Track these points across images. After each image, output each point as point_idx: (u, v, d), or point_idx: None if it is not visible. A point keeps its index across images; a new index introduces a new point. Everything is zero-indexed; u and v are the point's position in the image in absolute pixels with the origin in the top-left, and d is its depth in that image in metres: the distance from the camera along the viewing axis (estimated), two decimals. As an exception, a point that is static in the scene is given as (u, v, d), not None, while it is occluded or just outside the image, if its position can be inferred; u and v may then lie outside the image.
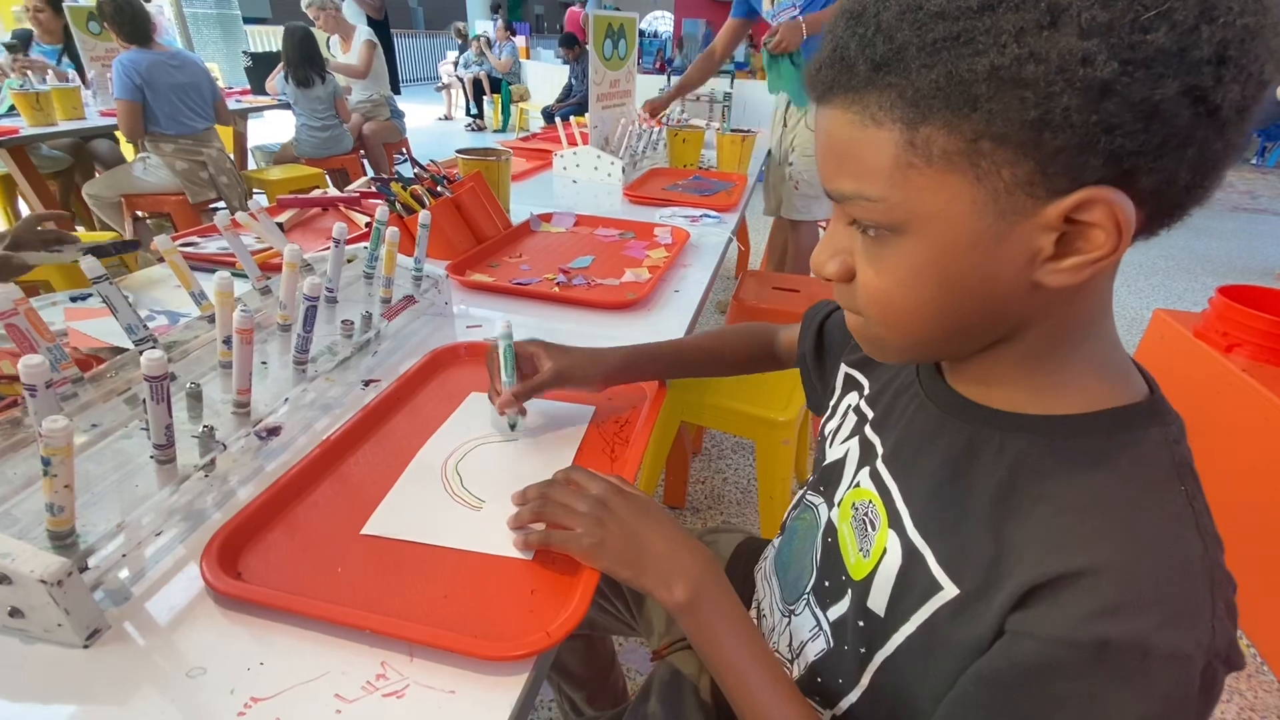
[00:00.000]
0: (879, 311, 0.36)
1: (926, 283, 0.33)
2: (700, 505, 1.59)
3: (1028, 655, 0.30)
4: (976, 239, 0.31)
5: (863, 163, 0.32)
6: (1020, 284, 0.32)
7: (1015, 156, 0.28)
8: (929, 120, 0.29)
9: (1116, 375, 0.36)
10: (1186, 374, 1.56)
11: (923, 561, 0.37)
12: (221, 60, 5.75)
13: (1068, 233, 0.30)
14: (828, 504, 0.48)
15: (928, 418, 0.41)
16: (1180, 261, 3.59)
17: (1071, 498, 0.32)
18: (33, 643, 0.40)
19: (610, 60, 1.71)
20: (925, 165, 0.30)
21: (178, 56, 2.35)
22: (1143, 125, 0.26)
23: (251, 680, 0.38)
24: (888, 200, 0.31)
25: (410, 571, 0.47)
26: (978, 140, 0.28)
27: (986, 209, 0.30)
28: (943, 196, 0.30)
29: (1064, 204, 0.28)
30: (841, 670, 0.42)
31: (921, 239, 0.32)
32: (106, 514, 0.47)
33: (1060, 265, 0.30)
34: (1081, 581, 0.30)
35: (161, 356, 0.45)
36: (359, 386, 0.70)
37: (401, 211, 1.04)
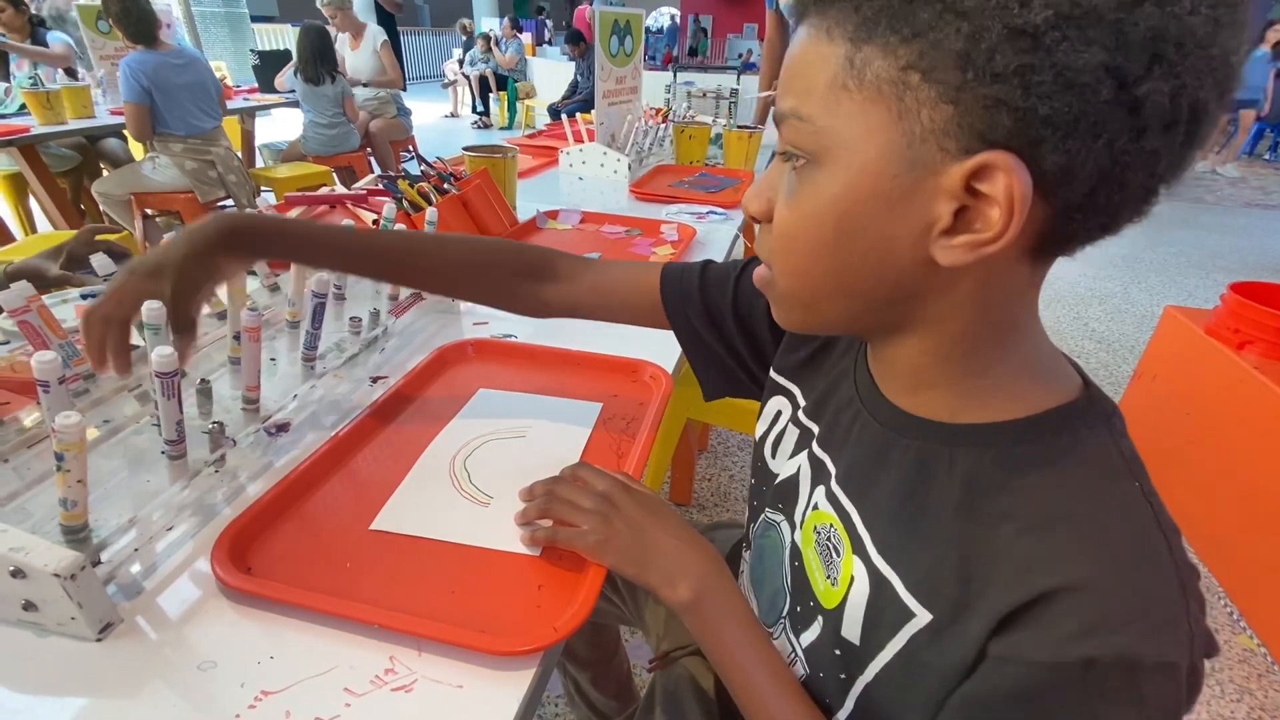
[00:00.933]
0: (783, 252, 0.35)
1: (827, 224, 0.32)
2: (706, 502, 1.59)
3: (1015, 680, 0.30)
4: (881, 186, 0.30)
5: (805, 79, 0.32)
6: (915, 254, 0.31)
7: (937, 98, 0.28)
8: (872, 39, 0.29)
9: (1049, 374, 0.35)
10: (1198, 372, 1.54)
11: (891, 588, 0.36)
12: (229, 59, 5.78)
13: (967, 208, 0.29)
14: (789, 524, 0.46)
15: (874, 436, 0.39)
16: (1191, 258, 3.56)
17: (1030, 513, 0.32)
18: (46, 636, 0.40)
19: (616, 56, 1.71)
20: (856, 89, 0.30)
21: (183, 55, 2.36)
22: (1059, 90, 0.26)
23: (261, 674, 0.39)
24: (815, 122, 0.31)
25: (418, 567, 0.47)
26: (908, 70, 0.28)
27: (899, 155, 0.29)
28: (862, 128, 0.30)
29: (967, 165, 0.28)
30: (827, 694, 0.41)
31: (833, 174, 0.31)
32: (118, 509, 0.47)
33: (953, 241, 0.30)
34: (1059, 602, 0.29)
35: (172, 353, 0.46)
36: (367, 383, 0.70)
37: (409, 209, 1.04)
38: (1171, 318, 1.67)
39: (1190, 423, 1.54)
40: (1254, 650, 1.27)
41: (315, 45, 2.94)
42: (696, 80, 5.71)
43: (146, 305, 0.50)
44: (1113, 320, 2.73)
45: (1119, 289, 3.08)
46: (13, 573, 0.38)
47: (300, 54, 2.94)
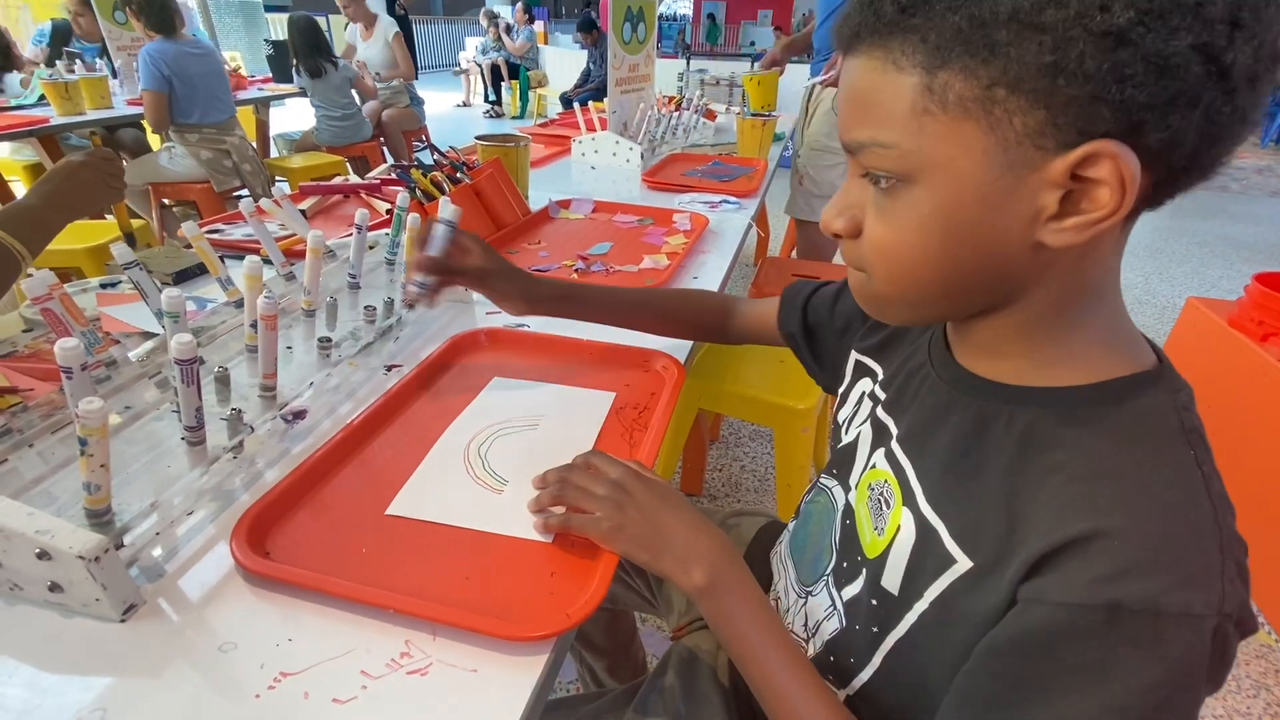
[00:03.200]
0: (883, 264, 0.36)
1: (932, 234, 0.33)
2: (718, 493, 1.59)
3: (1039, 621, 0.30)
4: (984, 191, 0.31)
5: (880, 109, 0.32)
6: (1023, 242, 0.32)
7: (1028, 105, 0.29)
8: (948, 65, 0.29)
9: (1123, 346, 0.36)
10: (1220, 363, 1.52)
11: (936, 536, 0.37)
12: (244, 48, 5.80)
13: (1073, 191, 0.30)
14: (844, 487, 0.48)
15: (938, 396, 0.41)
16: (1215, 248, 3.49)
17: (1080, 466, 0.33)
18: (71, 616, 0.41)
19: (629, 44, 1.69)
20: (940, 111, 0.30)
21: (199, 45, 2.37)
22: (1154, 78, 0.26)
23: (280, 656, 0.40)
24: (901, 147, 0.32)
25: (433, 552, 0.47)
26: (993, 87, 0.29)
27: (996, 160, 0.30)
28: (955, 145, 0.31)
29: (1071, 157, 0.29)
30: (854, 650, 0.42)
31: (930, 189, 0.32)
32: (140, 493, 0.48)
33: (1063, 224, 0.31)
34: (1091, 546, 0.30)
35: (191, 341, 0.46)
36: (382, 371, 0.71)
37: (422, 198, 1.04)
38: (1194, 309, 1.64)
39: (1212, 415, 1.50)
40: (1272, 646, 1.26)
41: (307, 37, 2.91)
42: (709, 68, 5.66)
43: (166, 293, 0.50)
44: (1133, 311, 2.63)
45: (1140, 279, 3.03)
46: (39, 555, 0.39)
47: (294, 49, 2.93)
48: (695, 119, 2.08)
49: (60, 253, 1.67)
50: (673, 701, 0.55)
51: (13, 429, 0.51)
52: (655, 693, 0.56)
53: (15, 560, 0.40)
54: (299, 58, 2.94)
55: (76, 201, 0.77)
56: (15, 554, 0.40)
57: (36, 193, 0.75)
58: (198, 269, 0.94)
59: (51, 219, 0.74)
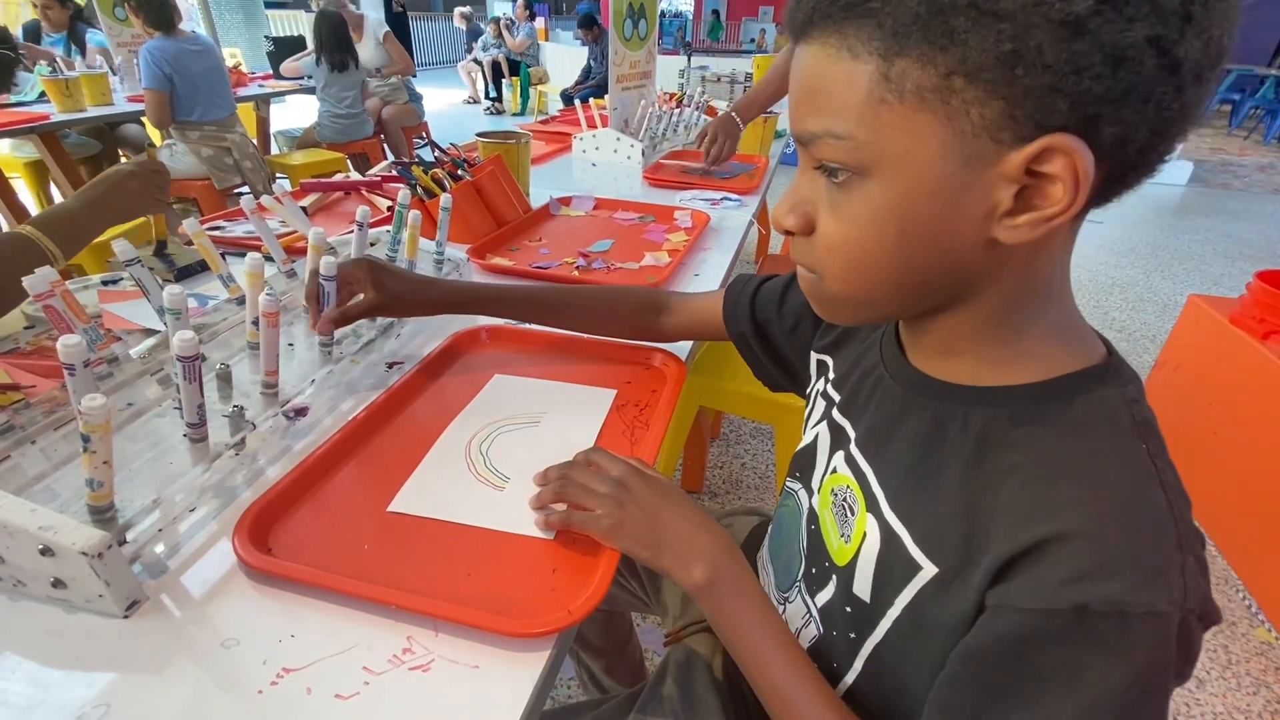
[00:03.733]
0: (837, 262, 0.35)
1: (886, 230, 0.33)
2: (718, 490, 1.59)
3: (1009, 628, 0.31)
4: (940, 185, 0.31)
5: (834, 98, 0.31)
6: (977, 239, 0.32)
7: (985, 95, 0.28)
8: (905, 52, 0.29)
9: (1073, 340, 0.36)
10: (1221, 362, 1.51)
11: (900, 542, 0.37)
12: (244, 45, 5.79)
13: (1027, 187, 0.30)
14: (807, 490, 0.48)
15: (894, 398, 0.41)
16: (1217, 246, 3.48)
17: (1036, 466, 0.33)
18: (75, 612, 0.41)
19: (630, 41, 1.69)
20: (897, 101, 0.30)
21: (198, 41, 2.37)
22: (1110, 70, 0.27)
23: (283, 652, 0.40)
24: (856, 138, 0.31)
25: (435, 549, 0.48)
26: (950, 75, 0.28)
27: (952, 153, 0.30)
28: (911, 136, 0.30)
29: (1027, 151, 0.29)
30: (835, 655, 0.42)
31: (886, 182, 0.32)
32: (142, 490, 0.48)
33: (1017, 221, 0.30)
34: (1052, 549, 0.30)
35: (193, 337, 0.47)
36: (383, 369, 0.71)
37: (423, 195, 1.04)
38: (1195, 306, 1.63)
39: (1212, 413, 1.51)
40: (1272, 644, 1.26)
41: (336, 31, 2.94)
42: (711, 64, 5.65)
43: (168, 290, 0.50)
44: (1134, 309, 2.68)
45: (1141, 277, 3.02)
46: (42, 551, 0.39)
47: (322, 41, 2.94)
48: (696, 116, 2.07)
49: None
50: (672, 709, 0.55)
51: (15, 425, 0.51)
52: (654, 700, 0.56)
53: (18, 556, 0.40)
54: (325, 50, 2.94)
55: (118, 209, 0.79)
56: (18, 550, 0.40)
57: (80, 197, 0.76)
58: (199, 266, 0.94)
59: (91, 224, 0.75)
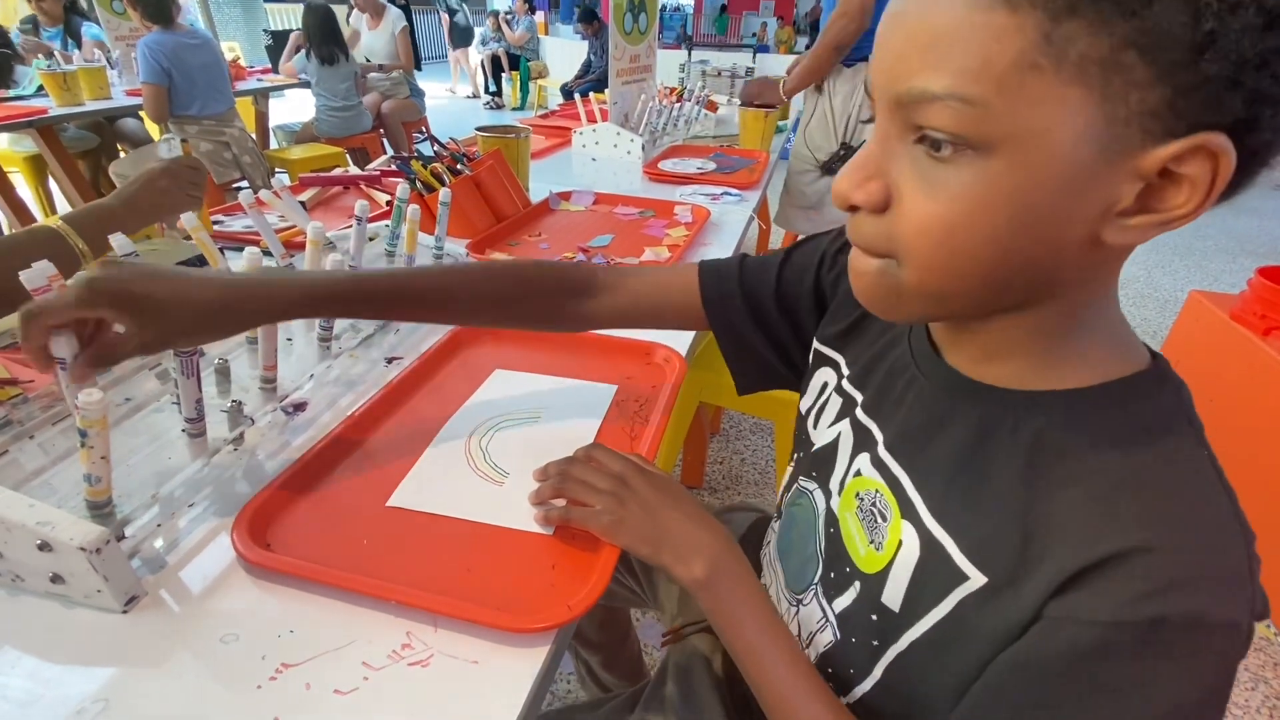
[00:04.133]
0: (927, 247, 0.31)
1: (999, 216, 0.28)
2: (718, 485, 1.59)
3: (1074, 639, 0.29)
4: (1071, 173, 0.27)
5: (971, 54, 0.26)
6: (1084, 237, 0.29)
7: (1154, 79, 0.25)
8: (1079, 13, 0.25)
9: (1122, 344, 0.35)
10: (1222, 358, 1.51)
11: (944, 552, 0.35)
12: (243, 39, 5.78)
13: (1151, 186, 0.27)
14: (824, 492, 0.46)
15: (932, 401, 0.39)
16: (1218, 241, 3.47)
17: (1099, 475, 0.31)
18: (74, 608, 0.41)
19: (630, 34, 1.68)
20: (1053, 69, 0.25)
21: (196, 35, 2.36)
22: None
23: (282, 647, 0.40)
24: (990, 106, 0.27)
25: (434, 544, 0.47)
26: (1124, 50, 0.25)
27: (1094, 139, 0.26)
28: (1057, 113, 0.26)
29: (1173, 148, 0.26)
30: (853, 662, 0.41)
31: (1011, 162, 0.27)
32: (141, 485, 0.48)
33: (1130, 221, 0.28)
34: (1128, 562, 0.29)
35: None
36: (382, 364, 0.71)
37: (422, 190, 1.04)
38: (1196, 302, 1.63)
39: (1213, 409, 1.50)
40: (1270, 639, 1.26)
41: (324, 24, 2.93)
42: (711, 59, 5.63)
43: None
44: (1135, 305, 2.68)
45: (1142, 273, 3.02)
46: (40, 546, 0.39)
47: (309, 35, 2.94)
48: (697, 110, 2.07)
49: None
50: (673, 709, 0.54)
51: (13, 420, 0.51)
52: (655, 702, 0.56)
53: (17, 552, 0.40)
54: (313, 44, 2.93)
55: (152, 207, 0.79)
56: (16, 545, 0.40)
57: (118, 195, 0.77)
58: (198, 260, 0.94)
59: (126, 221, 0.75)
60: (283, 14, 7.68)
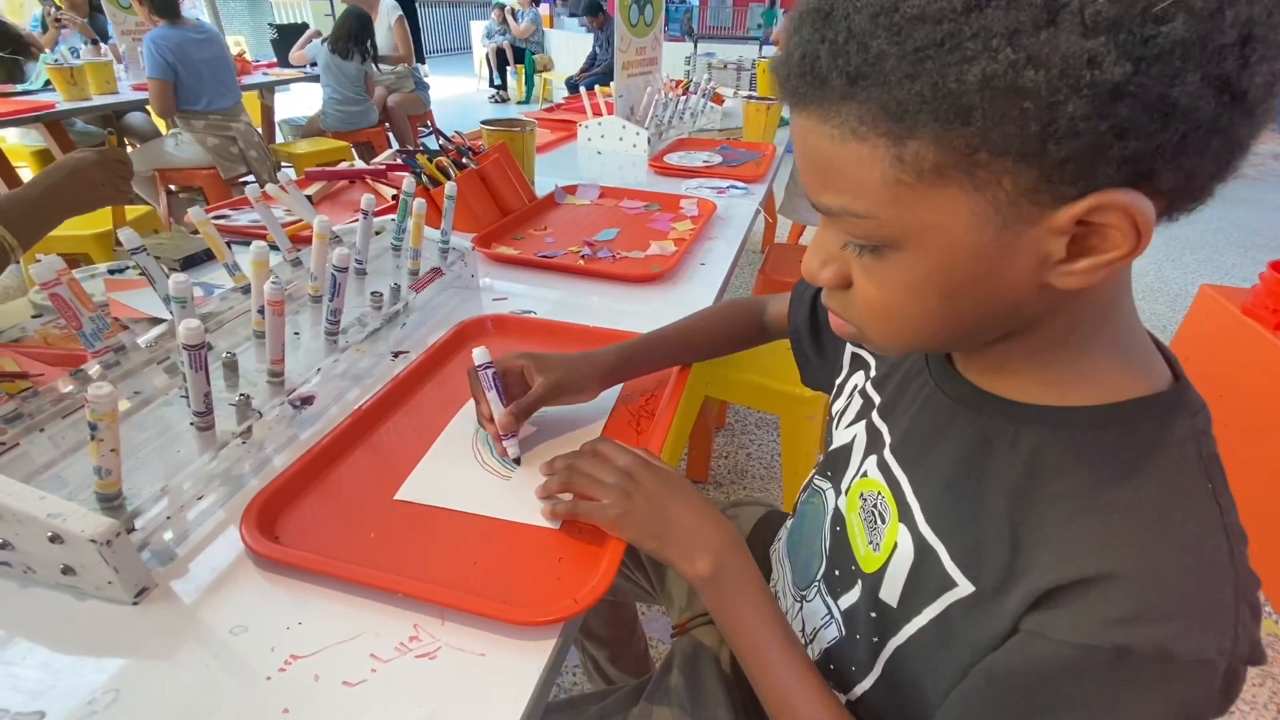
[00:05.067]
0: (879, 323, 0.34)
1: (930, 295, 0.31)
2: (723, 480, 1.59)
3: (1043, 656, 0.30)
4: (979, 250, 0.28)
5: (847, 178, 0.29)
6: (1030, 287, 0.30)
7: (1016, 167, 0.26)
8: (916, 134, 0.26)
9: (1138, 361, 0.34)
10: (1233, 353, 1.50)
11: (936, 558, 0.36)
12: (248, 33, 5.77)
13: (1081, 233, 0.27)
14: (835, 490, 0.47)
15: (938, 408, 0.39)
16: (1229, 235, 3.44)
17: (1092, 496, 0.31)
18: (85, 599, 0.42)
19: (636, 26, 1.67)
20: (915, 181, 0.27)
21: (203, 30, 2.36)
22: (1160, 124, 0.24)
23: (291, 638, 0.40)
24: (878, 217, 0.29)
25: (441, 538, 0.48)
26: (973, 153, 0.26)
27: (988, 220, 0.27)
28: (939, 211, 0.28)
29: (1074, 210, 0.26)
30: (855, 658, 0.42)
31: (920, 254, 0.30)
32: (150, 478, 0.48)
33: (1073, 267, 0.28)
34: (1102, 586, 0.29)
35: (199, 326, 0.46)
36: (388, 358, 0.71)
37: (428, 184, 1.04)
38: (1207, 297, 1.61)
39: (1224, 405, 1.50)
40: (1278, 635, 1.26)
41: (355, 26, 2.96)
42: (717, 51, 5.60)
43: (174, 279, 0.50)
44: (1145, 299, 2.65)
45: (1152, 267, 2.99)
46: (51, 538, 0.39)
47: (339, 28, 2.95)
48: (702, 103, 2.06)
49: (68, 239, 1.68)
50: (679, 700, 0.55)
51: (23, 413, 0.51)
52: (661, 692, 0.56)
53: (28, 544, 0.40)
54: (336, 37, 2.94)
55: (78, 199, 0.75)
56: (28, 537, 0.40)
57: (37, 185, 0.73)
58: (205, 255, 0.94)
59: (50, 212, 0.72)
60: (288, 8, 7.67)
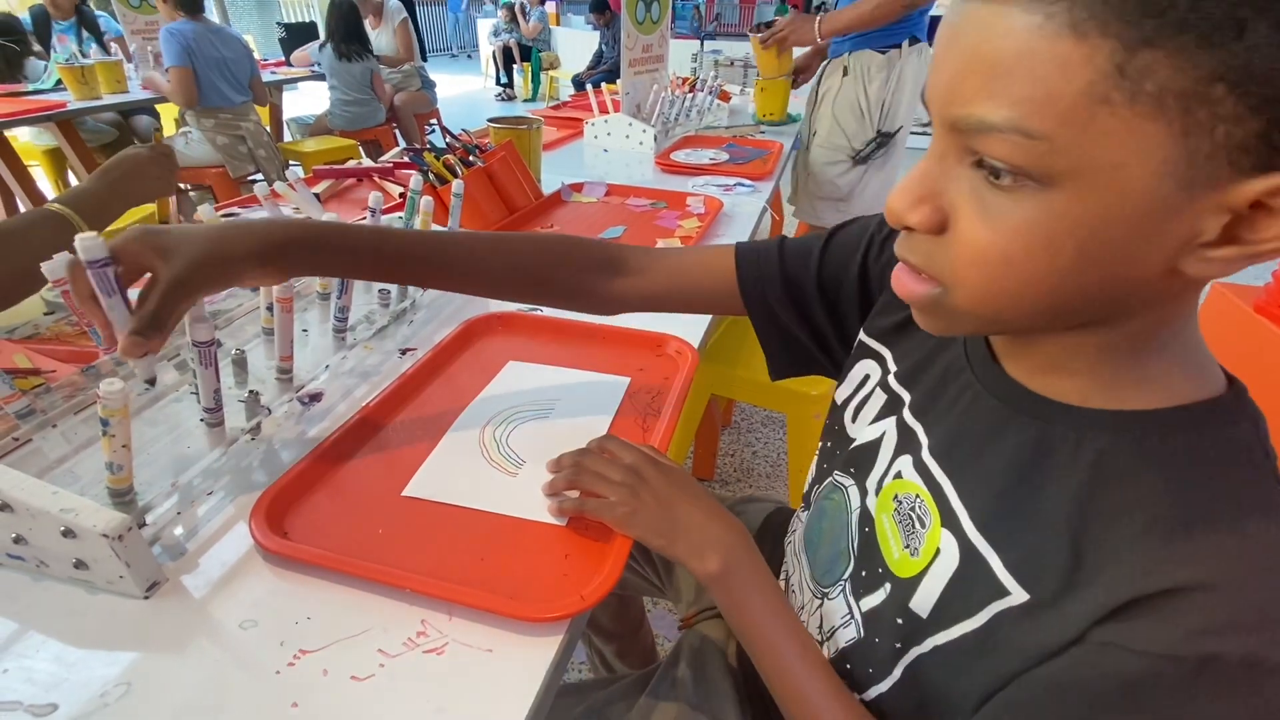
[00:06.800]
0: (981, 277, 0.29)
1: (1063, 251, 0.27)
2: (729, 478, 1.59)
3: (1120, 667, 0.28)
4: (1145, 210, 0.25)
5: (1034, 85, 0.24)
6: (1161, 268, 0.27)
7: (1246, 112, 0.22)
8: (1159, 43, 0.22)
9: (1199, 367, 0.32)
10: (1245, 352, 1.48)
11: (986, 565, 0.34)
12: (257, 32, 5.80)
13: (1241, 217, 0.25)
14: (860, 489, 0.45)
15: (987, 411, 0.37)
16: (1242, 232, 3.40)
17: (1167, 505, 0.30)
18: (97, 593, 0.42)
19: (643, 24, 1.67)
20: (1125, 104, 0.23)
21: (220, 33, 2.39)
22: None
23: (299, 633, 0.40)
24: (1054, 141, 0.24)
25: (449, 534, 0.48)
26: (1211, 83, 0.22)
27: (1173, 174, 0.24)
28: (1130, 148, 0.24)
29: (1271, 183, 0.23)
30: (872, 661, 0.41)
31: (1076, 198, 0.25)
32: (161, 474, 0.49)
33: (1214, 254, 0.26)
34: (1189, 596, 0.27)
35: (209, 323, 0.47)
36: (396, 355, 0.71)
37: (435, 181, 1.04)
38: (1219, 294, 1.60)
39: (1234, 403, 1.48)
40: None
41: (346, 20, 2.94)
42: (724, 48, 5.58)
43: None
44: None
45: (1162, 265, 2.96)
46: (64, 533, 0.39)
47: (331, 29, 2.94)
48: (709, 101, 2.05)
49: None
50: (685, 691, 0.55)
51: (36, 409, 0.51)
52: (667, 682, 0.56)
53: (41, 538, 0.41)
54: (333, 39, 2.94)
55: (136, 192, 0.80)
56: (41, 532, 0.40)
57: (101, 180, 0.77)
58: None
59: (113, 205, 0.76)
60: (297, 7, 7.70)
